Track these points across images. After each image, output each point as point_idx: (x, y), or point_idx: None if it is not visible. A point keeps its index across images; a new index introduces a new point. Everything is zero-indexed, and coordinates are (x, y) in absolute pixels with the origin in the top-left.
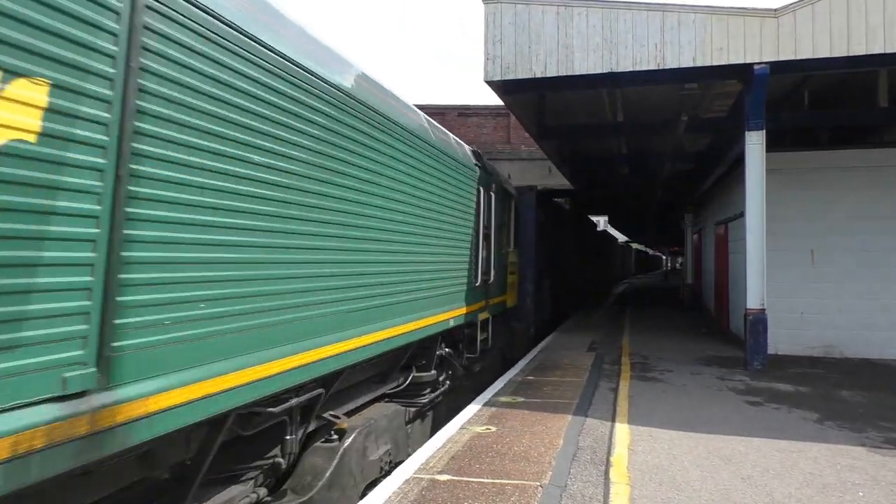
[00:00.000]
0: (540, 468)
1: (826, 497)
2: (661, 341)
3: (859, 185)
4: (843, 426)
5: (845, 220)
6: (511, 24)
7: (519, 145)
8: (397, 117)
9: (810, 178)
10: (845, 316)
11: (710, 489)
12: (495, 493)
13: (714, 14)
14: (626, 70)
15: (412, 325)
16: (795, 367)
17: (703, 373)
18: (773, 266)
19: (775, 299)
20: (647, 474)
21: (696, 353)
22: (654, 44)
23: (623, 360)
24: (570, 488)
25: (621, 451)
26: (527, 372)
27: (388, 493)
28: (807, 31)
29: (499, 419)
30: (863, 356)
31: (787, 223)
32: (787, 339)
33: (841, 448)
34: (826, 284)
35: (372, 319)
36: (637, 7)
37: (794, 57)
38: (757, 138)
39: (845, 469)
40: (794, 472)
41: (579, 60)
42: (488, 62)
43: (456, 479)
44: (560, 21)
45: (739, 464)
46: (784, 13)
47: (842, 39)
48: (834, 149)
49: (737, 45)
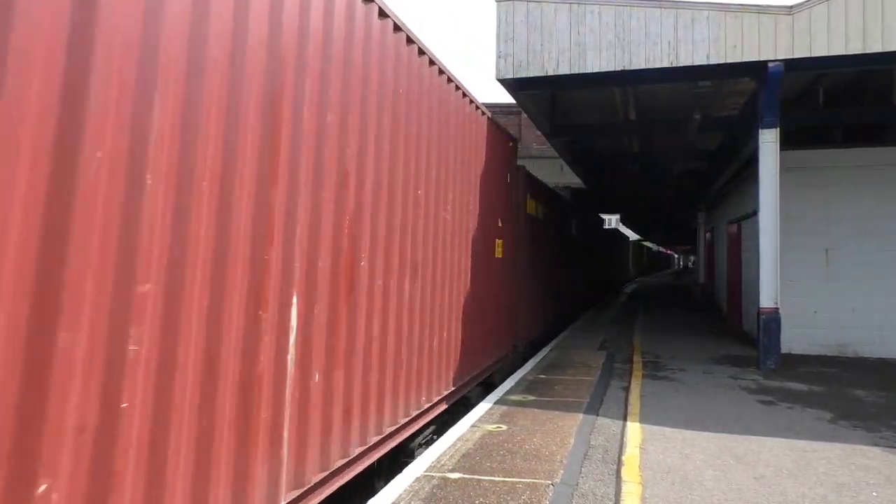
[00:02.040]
0: (551, 467)
1: (840, 497)
2: (673, 340)
3: (874, 184)
4: (857, 426)
5: (860, 218)
6: (523, 23)
7: (530, 143)
8: None
9: (825, 176)
10: (859, 315)
11: (723, 488)
12: (506, 492)
13: (728, 11)
14: (639, 68)
15: None
16: (808, 367)
17: (716, 372)
18: (786, 265)
19: (789, 298)
20: (659, 473)
21: (708, 353)
22: (668, 41)
23: (634, 359)
24: (581, 487)
25: (633, 450)
26: (538, 371)
27: (400, 491)
28: (822, 28)
29: (510, 418)
30: (877, 355)
31: (800, 222)
32: (800, 339)
33: (855, 448)
34: (840, 283)
35: None
36: (650, 4)
37: (808, 55)
38: (771, 136)
39: (859, 469)
40: (808, 472)
41: (592, 58)
42: (500, 60)
43: (467, 477)
44: (573, 19)
45: (752, 463)
46: (799, 10)
47: (857, 37)
48: (849, 147)
49: (751, 43)
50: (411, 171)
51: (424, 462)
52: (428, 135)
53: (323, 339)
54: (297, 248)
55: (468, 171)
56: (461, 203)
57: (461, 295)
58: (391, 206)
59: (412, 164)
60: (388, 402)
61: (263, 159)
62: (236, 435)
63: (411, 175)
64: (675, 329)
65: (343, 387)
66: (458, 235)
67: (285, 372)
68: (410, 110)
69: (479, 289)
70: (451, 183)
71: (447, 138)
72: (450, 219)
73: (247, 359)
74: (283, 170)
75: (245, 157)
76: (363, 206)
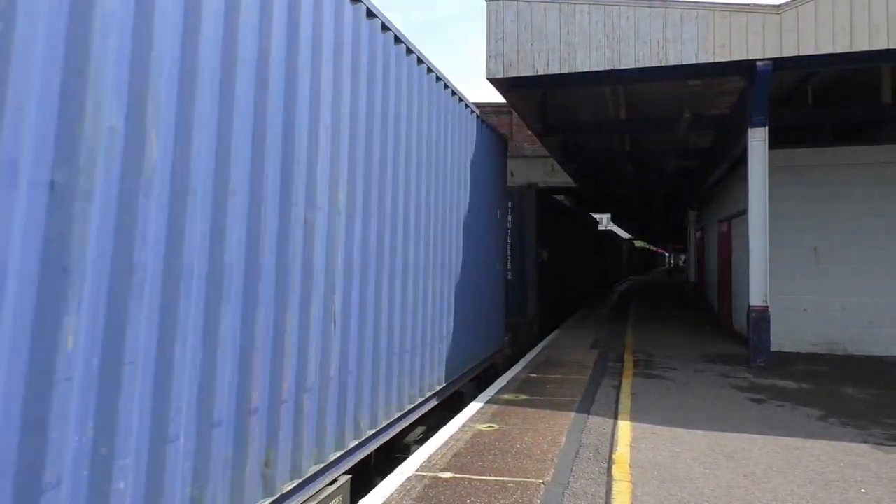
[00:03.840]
0: (543, 465)
1: (829, 494)
2: (665, 339)
3: (863, 182)
4: (847, 423)
5: (849, 217)
6: (513, 22)
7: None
8: None
9: (814, 175)
10: (849, 313)
11: (713, 486)
12: (498, 491)
13: (717, 10)
14: (629, 67)
15: None
16: (799, 365)
17: (707, 370)
18: (776, 263)
19: (779, 296)
20: (650, 471)
21: (699, 351)
22: (657, 41)
23: (626, 358)
24: (572, 485)
25: (624, 448)
26: (530, 369)
27: (391, 491)
28: (809, 27)
29: (502, 417)
30: (866, 353)
31: (790, 220)
32: (790, 337)
33: (844, 445)
34: (829, 281)
35: None
36: (640, 4)
37: (796, 53)
38: (760, 135)
39: (849, 466)
40: (798, 469)
41: (582, 58)
42: (490, 60)
43: (459, 476)
44: (562, 18)
45: (742, 461)
46: (787, 9)
47: (845, 36)
48: (837, 146)
49: (739, 42)
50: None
51: (416, 462)
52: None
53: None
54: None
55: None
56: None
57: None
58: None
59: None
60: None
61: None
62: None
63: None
64: (666, 327)
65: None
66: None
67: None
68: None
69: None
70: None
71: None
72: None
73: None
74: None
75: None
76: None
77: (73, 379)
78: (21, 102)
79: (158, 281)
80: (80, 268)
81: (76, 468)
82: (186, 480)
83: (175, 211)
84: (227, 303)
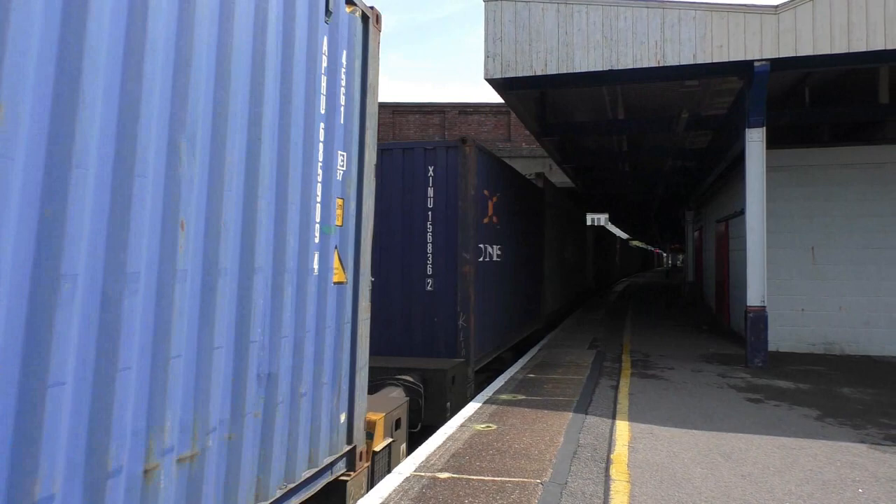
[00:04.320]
0: (541, 466)
1: (826, 494)
2: (663, 339)
3: (860, 182)
4: (844, 423)
5: (846, 217)
6: (511, 22)
7: (520, 143)
8: None
9: (811, 175)
10: (846, 313)
11: (711, 486)
12: (496, 491)
13: (714, 11)
14: (627, 67)
15: None
16: (796, 365)
17: (704, 370)
18: (773, 263)
19: (776, 297)
20: (648, 471)
21: (697, 351)
22: (655, 41)
23: (624, 358)
24: (570, 486)
25: (621, 448)
26: (528, 369)
27: (389, 491)
28: (807, 27)
29: (500, 417)
30: (863, 353)
31: (787, 220)
32: (787, 337)
33: (841, 445)
34: (827, 282)
35: None
36: (637, 4)
37: (794, 54)
38: (757, 135)
39: (845, 466)
40: (795, 469)
41: (580, 58)
42: (488, 60)
43: (456, 476)
44: (560, 19)
45: (740, 461)
46: (784, 10)
47: (842, 36)
48: (834, 146)
49: (737, 42)
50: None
51: (414, 462)
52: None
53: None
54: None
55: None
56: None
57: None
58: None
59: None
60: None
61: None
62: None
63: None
64: (664, 327)
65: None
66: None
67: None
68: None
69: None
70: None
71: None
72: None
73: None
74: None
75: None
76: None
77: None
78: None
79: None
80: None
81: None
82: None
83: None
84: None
